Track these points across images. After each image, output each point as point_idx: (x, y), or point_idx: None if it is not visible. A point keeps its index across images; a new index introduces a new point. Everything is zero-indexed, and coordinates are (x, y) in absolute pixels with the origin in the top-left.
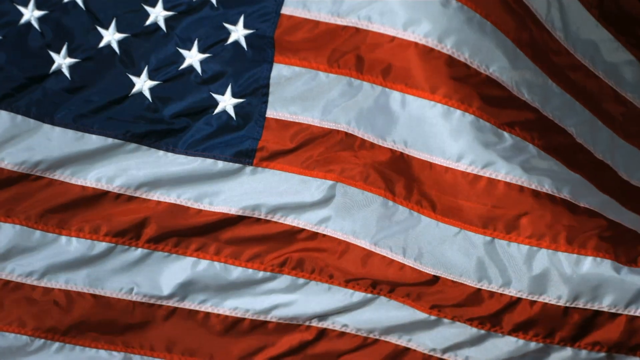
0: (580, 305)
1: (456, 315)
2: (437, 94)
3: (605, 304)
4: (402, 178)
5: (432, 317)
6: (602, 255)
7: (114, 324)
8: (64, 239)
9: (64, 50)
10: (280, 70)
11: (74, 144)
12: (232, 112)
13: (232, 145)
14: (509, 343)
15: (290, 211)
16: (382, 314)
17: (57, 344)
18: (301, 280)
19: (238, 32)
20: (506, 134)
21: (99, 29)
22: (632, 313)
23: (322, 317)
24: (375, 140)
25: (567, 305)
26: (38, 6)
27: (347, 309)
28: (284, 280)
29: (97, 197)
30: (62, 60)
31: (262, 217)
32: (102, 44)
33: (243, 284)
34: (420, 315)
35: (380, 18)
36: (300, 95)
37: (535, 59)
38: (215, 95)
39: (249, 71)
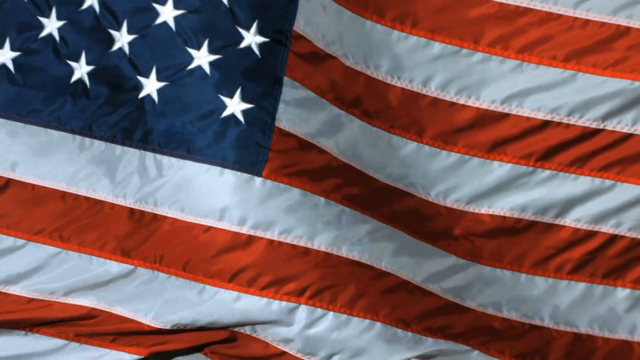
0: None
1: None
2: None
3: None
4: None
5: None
6: None
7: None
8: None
9: (82, 59)
10: (290, 84)
11: (92, 153)
12: (241, 117)
13: (240, 153)
14: None
15: (303, 232)
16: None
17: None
18: (319, 311)
19: (251, 38)
20: None
21: (111, 31)
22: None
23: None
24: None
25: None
26: (58, 17)
27: (363, 344)
28: (302, 311)
29: (119, 214)
30: (81, 69)
31: (275, 238)
32: (114, 47)
33: (258, 314)
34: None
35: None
36: (307, 114)
37: None
38: (224, 98)
39: (260, 79)
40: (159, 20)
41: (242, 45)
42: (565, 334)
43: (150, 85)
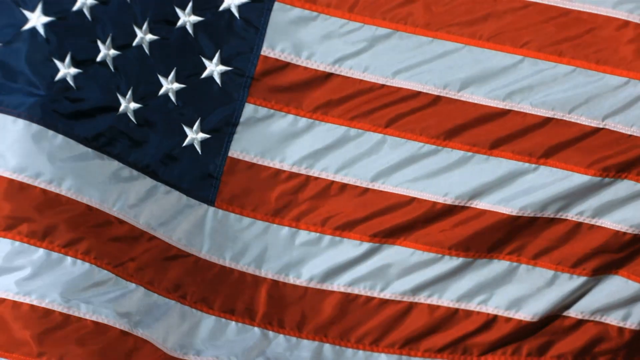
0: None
1: (428, 349)
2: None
3: (573, 311)
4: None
5: (404, 358)
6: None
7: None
8: (69, 259)
9: (67, 60)
10: (252, 111)
11: (67, 151)
12: (198, 147)
13: (197, 182)
14: None
15: (251, 259)
16: None
17: None
18: (271, 334)
19: (213, 68)
20: None
21: (99, 42)
22: (597, 319)
23: None
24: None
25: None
26: (45, 12)
27: None
28: (256, 333)
29: (97, 216)
30: (66, 70)
31: (227, 264)
32: (99, 58)
33: (218, 334)
34: (391, 357)
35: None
36: (268, 137)
37: None
38: (185, 128)
39: (220, 108)
40: (135, 42)
41: (204, 74)
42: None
43: (127, 105)
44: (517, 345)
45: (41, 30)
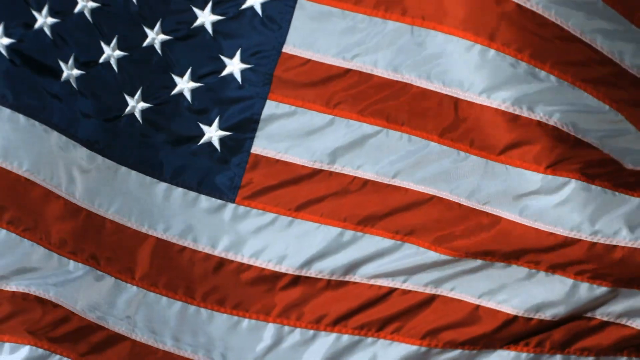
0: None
1: (449, 341)
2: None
3: (597, 314)
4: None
5: (423, 348)
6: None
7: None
8: (72, 263)
9: (71, 61)
10: (273, 108)
11: (74, 155)
12: (217, 145)
13: (215, 179)
14: (501, 356)
15: (272, 255)
16: (369, 355)
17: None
18: (286, 329)
19: (234, 66)
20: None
21: (102, 43)
22: (623, 322)
23: None
24: (375, 177)
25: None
26: (51, 13)
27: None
28: (270, 329)
29: (98, 221)
30: (69, 71)
31: (245, 261)
32: (102, 59)
33: (229, 332)
34: (411, 347)
35: (385, 64)
36: (290, 133)
37: None
38: (202, 126)
39: (240, 105)
40: (146, 43)
41: (225, 73)
42: None
43: (135, 106)
44: (541, 338)
45: (48, 31)
